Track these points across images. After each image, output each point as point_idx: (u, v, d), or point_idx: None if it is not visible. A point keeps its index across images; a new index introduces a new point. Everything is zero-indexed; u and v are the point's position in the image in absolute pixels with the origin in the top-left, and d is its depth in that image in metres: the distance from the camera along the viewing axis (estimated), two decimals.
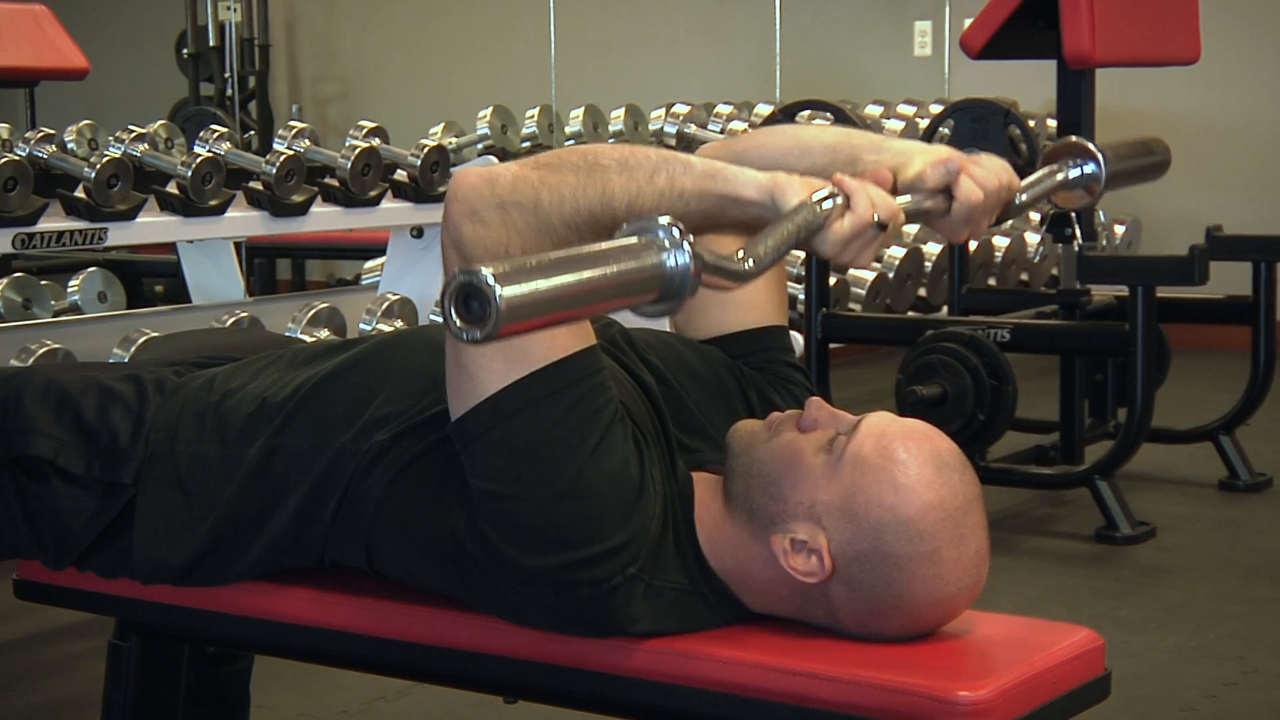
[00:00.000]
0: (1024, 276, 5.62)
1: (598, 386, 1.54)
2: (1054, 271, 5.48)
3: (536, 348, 1.52)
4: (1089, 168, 1.76)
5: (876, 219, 1.45)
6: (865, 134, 1.68)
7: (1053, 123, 4.54)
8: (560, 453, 1.51)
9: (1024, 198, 1.67)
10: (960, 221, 1.58)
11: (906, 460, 1.54)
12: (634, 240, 1.26)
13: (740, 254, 1.36)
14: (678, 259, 1.26)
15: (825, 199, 1.44)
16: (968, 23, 4.23)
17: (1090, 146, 1.75)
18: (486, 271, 1.17)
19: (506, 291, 1.17)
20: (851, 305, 5.11)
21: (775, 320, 1.85)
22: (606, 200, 1.48)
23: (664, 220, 1.27)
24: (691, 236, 1.27)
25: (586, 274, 1.22)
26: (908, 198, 1.54)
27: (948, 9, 6.90)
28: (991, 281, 5.42)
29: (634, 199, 1.47)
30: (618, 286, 1.24)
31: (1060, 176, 1.75)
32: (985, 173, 1.58)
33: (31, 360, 3.05)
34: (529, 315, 1.19)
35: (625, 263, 1.24)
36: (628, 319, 1.79)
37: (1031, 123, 4.55)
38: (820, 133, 1.70)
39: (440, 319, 3.80)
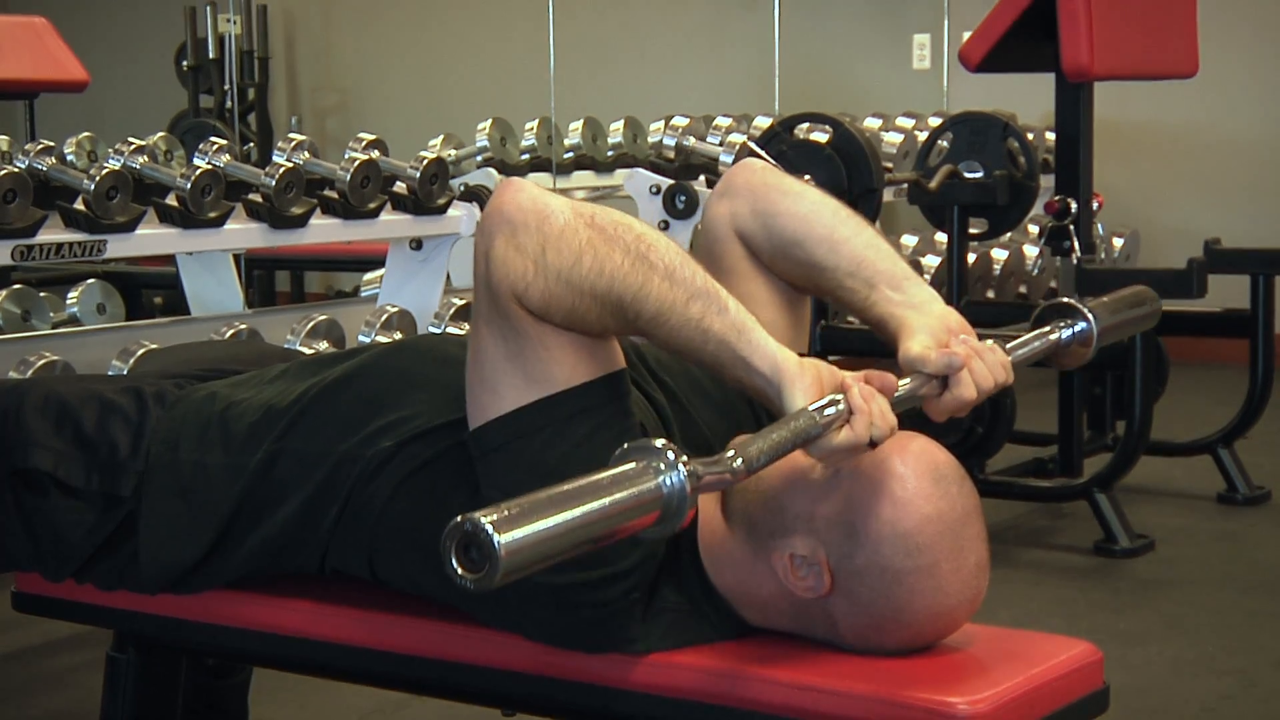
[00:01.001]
0: (1022, 289, 5.62)
1: (621, 413, 1.55)
2: (1052, 284, 5.49)
3: (559, 371, 1.52)
4: (1080, 327, 1.77)
5: (871, 439, 1.48)
6: (892, 260, 1.70)
7: (1051, 135, 4.54)
8: (578, 474, 1.52)
9: (1016, 355, 1.69)
10: (946, 410, 1.61)
11: (904, 473, 1.54)
12: (630, 467, 1.28)
13: (732, 453, 1.38)
14: (673, 480, 1.28)
15: (827, 408, 1.46)
16: (966, 35, 4.23)
17: (1081, 307, 1.77)
18: (485, 521, 1.17)
19: (505, 539, 1.18)
20: (850, 318, 5.11)
21: (791, 347, 1.84)
22: (639, 298, 1.48)
23: (659, 444, 1.30)
24: (686, 457, 1.30)
25: (585, 509, 1.23)
26: (906, 383, 1.57)
27: (946, 22, 6.91)
28: (990, 294, 5.42)
29: (662, 311, 1.49)
30: (617, 515, 1.26)
31: (1054, 338, 1.77)
32: (984, 372, 1.61)
33: (30, 372, 3.05)
34: (530, 560, 1.20)
35: (623, 491, 1.26)
36: None
37: (1030, 135, 4.55)
38: (856, 234, 1.72)
39: (438, 330, 3.81)
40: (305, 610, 1.76)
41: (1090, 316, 1.77)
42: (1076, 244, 3.97)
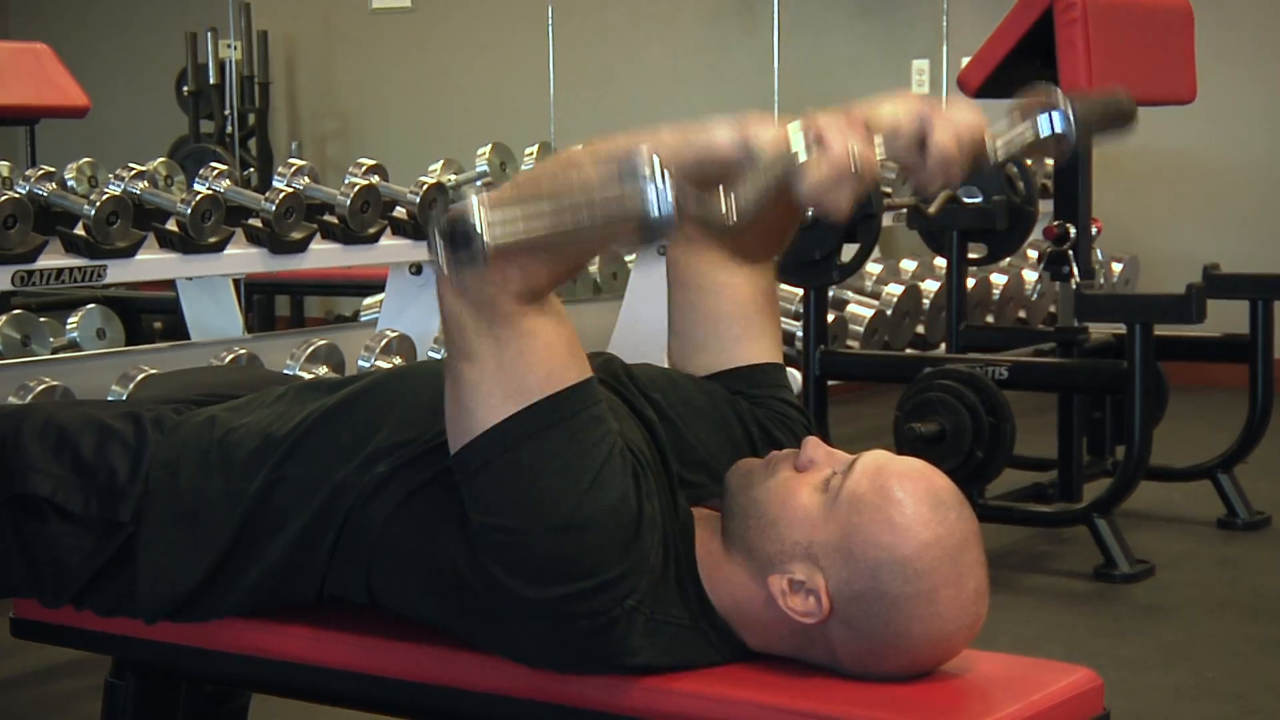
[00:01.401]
0: (1022, 314, 5.63)
1: (596, 418, 1.55)
2: (1052, 309, 5.49)
3: (533, 381, 1.52)
4: (1056, 116, 1.77)
5: (853, 160, 1.43)
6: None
7: (1050, 161, 4.55)
8: (559, 484, 1.52)
9: (998, 150, 1.67)
10: (935, 175, 1.55)
11: (903, 499, 1.54)
12: (617, 169, 1.27)
13: (720, 203, 1.36)
14: (658, 189, 1.26)
15: (799, 141, 1.42)
16: (965, 61, 4.25)
17: (1058, 97, 1.77)
18: (473, 199, 1.18)
19: (493, 218, 1.18)
20: (850, 342, 5.11)
21: (771, 358, 1.85)
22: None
23: (644, 150, 1.27)
24: (674, 168, 1.27)
25: (571, 201, 1.23)
26: (880, 146, 1.51)
27: (945, 47, 6.93)
28: (989, 319, 5.43)
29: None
30: (601, 215, 1.25)
31: (1030, 129, 1.76)
32: (960, 123, 1.55)
33: (30, 397, 3.05)
34: (512, 233, 1.20)
35: (609, 191, 1.25)
36: (626, 354, 1.80)
37: (1029, 161, 4.56)
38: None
39: (438, 355, 3.81)
40: (303, 636, 1.76)
41: (1070, 108, 1.76)
42: (1075, 269, 3.97)
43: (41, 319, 4.24)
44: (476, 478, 1.55)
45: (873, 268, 5.58)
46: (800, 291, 4.21)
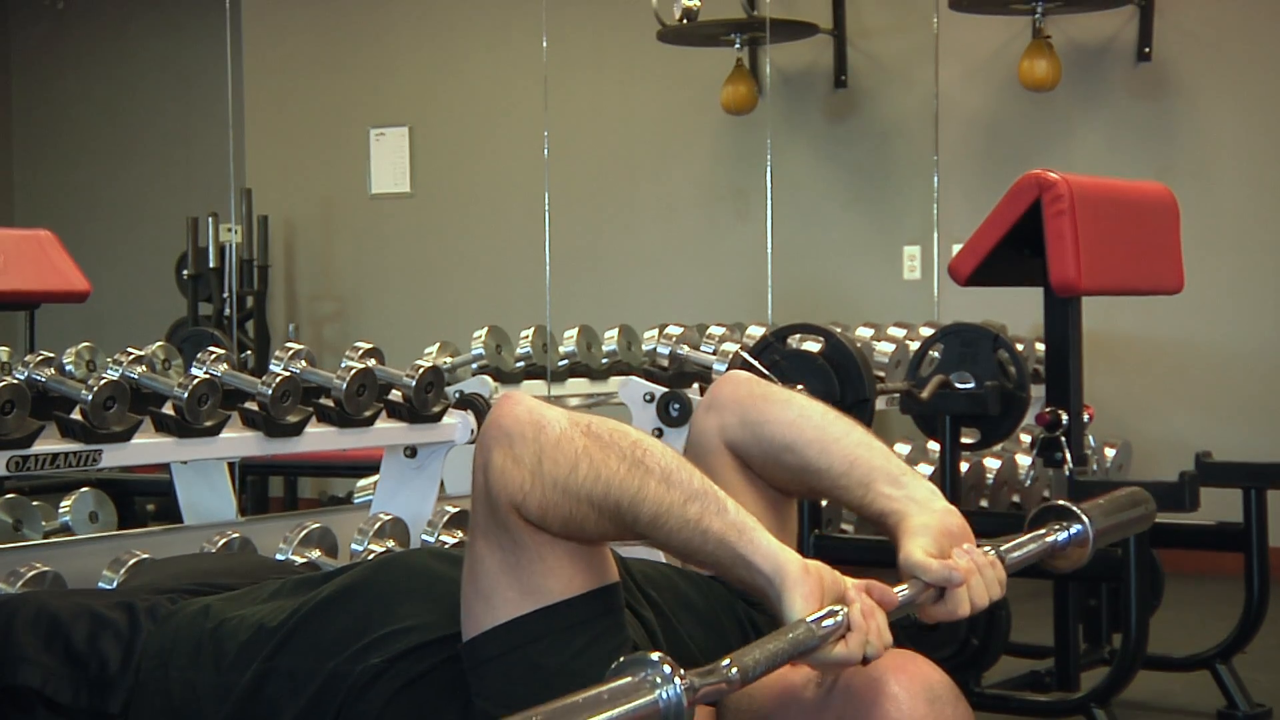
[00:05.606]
0: (1015, 499, 5.62)
1: (616, 626, 1.55)
2: (1045, 493, 5.49)
3: (554, 583, 1.52)
4: (1075, 530, 1.77)
5: (865, 653, 1.48)
6: (885, 457, 1.71)
7: (1041, 346, 4.60)
8: (574, 687, 1.51)
9: (1012, 560, 1.69)
10: (936, 618, 1.62)
11: (898, 693, 1.53)
12: (627, 681, 1.29)
13: (728, 662, 1.38)
14: (670, 694, 1.29)
15: (826, 619, 1.47)
16: (956, 248, 4.30)
17: (1076, 509, 1.77)
18: None
19: None
20: (844, 526, 5.10)
21: None
22: (637, 501, 1.49)
23: (655, 657, 1.30)
24: (683, 671, 1.30)
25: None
26: (904, 589, 1.58)
27: (936, 234, 7.02)
28: (983, 503, 5.42)
29: (661, 514, 1.49)
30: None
31: (1050, 541, 1.77)
32: (981, 590, 1.62)
33: (20, 584, 3.02)
34: None
35: (620, 706, 1.27)
36: (627, 549, 1.80)
37: (1020, 347, 4.60)
38: (847, 434, 1.73)
39: (431, 538, 3.79)
40: None
41: (1086, 519, 1.76)
42: (1068, 455, 3.98)
43: (34, 502, 4.23)
44: (487, 667, 1.54)
45: None
46: None
